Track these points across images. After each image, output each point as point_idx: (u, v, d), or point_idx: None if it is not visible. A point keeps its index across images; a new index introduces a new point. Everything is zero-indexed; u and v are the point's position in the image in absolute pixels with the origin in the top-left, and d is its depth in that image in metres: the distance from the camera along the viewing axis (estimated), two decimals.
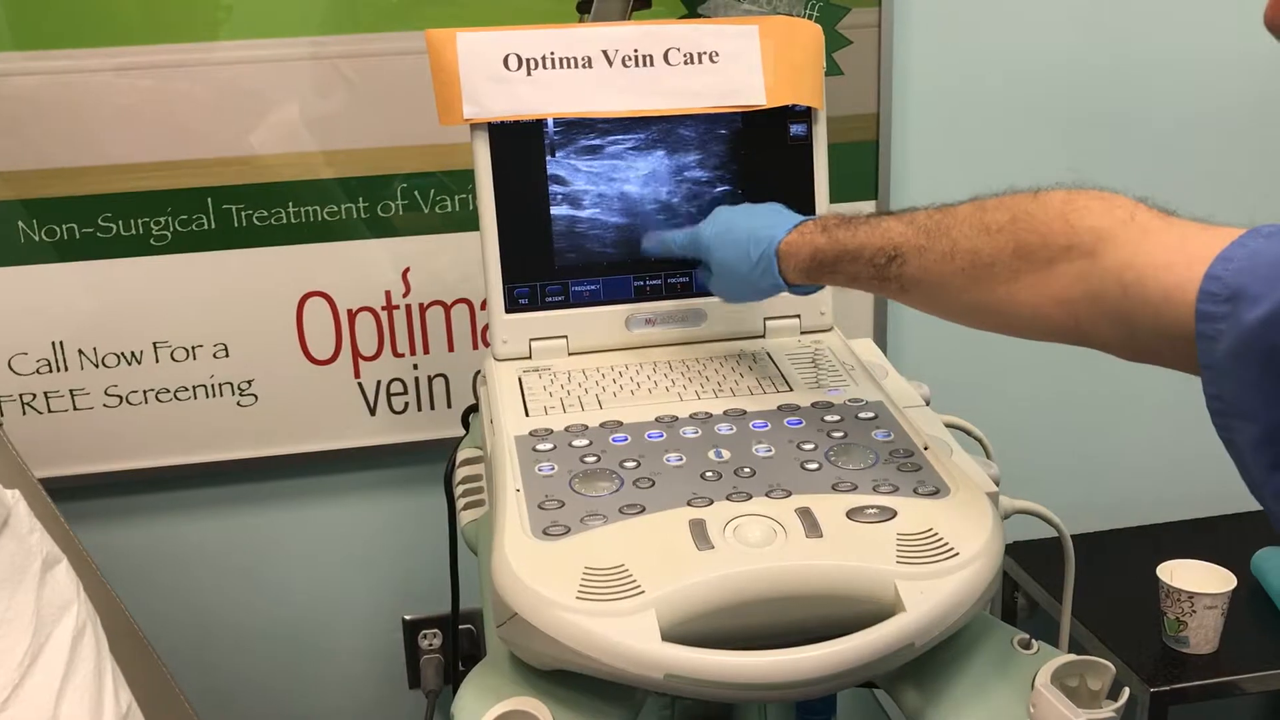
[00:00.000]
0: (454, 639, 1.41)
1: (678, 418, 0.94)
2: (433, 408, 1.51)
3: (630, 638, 0.72)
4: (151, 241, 1.38)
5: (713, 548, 0.77)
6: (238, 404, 1.46)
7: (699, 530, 0.79)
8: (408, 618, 1.61)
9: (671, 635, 0.72)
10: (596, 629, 0.72)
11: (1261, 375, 0.60)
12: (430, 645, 1.62)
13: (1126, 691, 0.77)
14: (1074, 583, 1.00)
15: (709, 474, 0.86)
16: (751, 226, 0.96)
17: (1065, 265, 0.72)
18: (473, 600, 1.27)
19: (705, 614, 0.74)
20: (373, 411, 1.50)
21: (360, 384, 1.48)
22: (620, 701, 0.80)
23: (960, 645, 0.82)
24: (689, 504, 0.82)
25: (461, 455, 1.13)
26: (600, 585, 0.74)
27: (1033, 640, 0.83)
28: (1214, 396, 0.63)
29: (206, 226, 1.38)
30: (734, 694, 0.72)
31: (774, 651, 0.71)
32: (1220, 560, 1.45)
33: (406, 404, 1.50)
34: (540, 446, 0.91)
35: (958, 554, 0.77)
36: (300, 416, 1.48)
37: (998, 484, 0.93)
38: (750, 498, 0.82)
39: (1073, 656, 0.78)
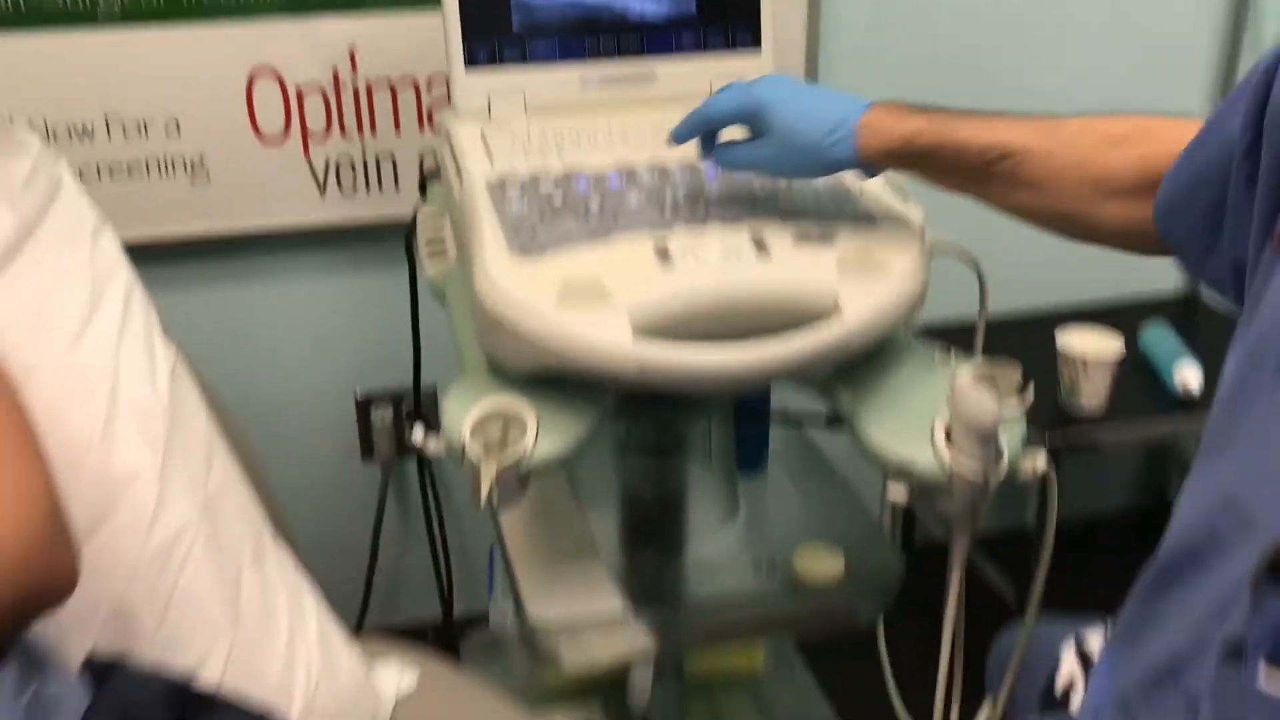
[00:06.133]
0: (417, 403, 1.49)
1: (635, 166, 1.02)
2: (380, 189, 1.56)
3: (608, 337, 0.81)
4: (98, 14, 1.38)
5: (675, 265, 0.86)
6: (190, 182, 1.49)
7: (662, 251, 0.88)
8: (360, 393, 1.69)
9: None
10: (577, 330, 0.81)
11: None
12: (384, 420, 1.70)
13: (1031, 388, 0.89)
14: (984, 332, 1.11)
15: (667, 208, 0.94)
16: (824, 95, 0.92)
17: None
18: (428, 374, 1.35)
19: (671, 323, 0.84)
20: (323, 191, 1.54)
21: (310, 162, 1.52)
22: (588, 404, 0.89)
23: (888, 355, 0.93)
24: (651, 230, 0.90)
25: (422, 215, 1.19)
26: (578, 294, 0.83)
27: (952, 352, 0.94)
28: None
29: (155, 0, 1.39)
30: (699, 384, 0.82)
31: (733, 344, 0.81)
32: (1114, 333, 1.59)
33: (355, 183, 1.55)
34: (509, 191, 0.98)
35: (890, 270, 0.88)
36: (252, 194, 1.52)
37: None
38: (706, 222, 0.91)
39: (986, 360, 0.90)
